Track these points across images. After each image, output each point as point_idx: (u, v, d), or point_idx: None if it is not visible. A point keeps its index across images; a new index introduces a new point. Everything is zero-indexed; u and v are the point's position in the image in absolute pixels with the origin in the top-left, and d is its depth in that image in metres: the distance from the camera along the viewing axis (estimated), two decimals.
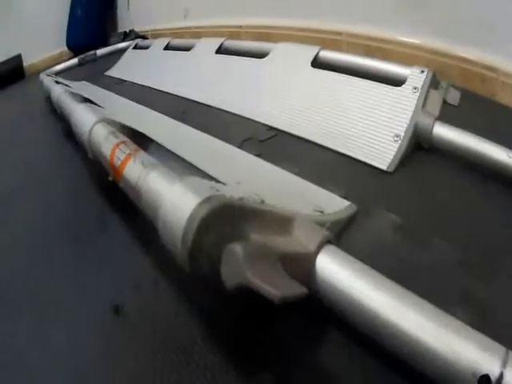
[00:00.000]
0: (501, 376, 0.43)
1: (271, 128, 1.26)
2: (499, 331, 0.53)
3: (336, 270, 0.56)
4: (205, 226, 0.47)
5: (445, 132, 1.03)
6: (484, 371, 0.44)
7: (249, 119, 1.34)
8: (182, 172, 0.70)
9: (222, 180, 0.66)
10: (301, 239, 0.58)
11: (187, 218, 0.48)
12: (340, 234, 0.79)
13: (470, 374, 0.44)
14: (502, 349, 0.46)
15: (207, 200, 0.48)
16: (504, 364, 0.44)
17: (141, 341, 0.68)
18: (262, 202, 0.57)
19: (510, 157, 0.94)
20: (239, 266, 0.45)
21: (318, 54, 1.38)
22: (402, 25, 1.67)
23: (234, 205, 0.51)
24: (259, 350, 0.62)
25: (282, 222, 0.58)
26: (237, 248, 0.46)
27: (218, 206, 0.48)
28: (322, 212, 0.73)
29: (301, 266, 0.56)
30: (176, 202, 0.51)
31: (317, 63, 1.37)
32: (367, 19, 1.80)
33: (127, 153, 0.74)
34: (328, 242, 0.60)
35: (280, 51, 1.47)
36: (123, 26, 3.54)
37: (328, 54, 1.37)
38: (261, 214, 0.53)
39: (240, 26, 2.41)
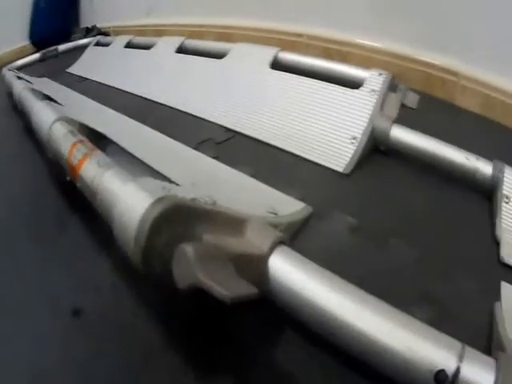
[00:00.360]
0: (457, 370, 0.45)
1: (229, 130, 1.26)
2: (456, 329, 0.54)
3: (289, 271, 0.57)
4: (157, 226, 0.47)
5: (402, 135, 1.05)
6: (441, 367, 0.45)
7: (207, 120, 1.34)
8: (137, 172, 0.70)
9: (177, 181, 0.66)
10: (253, 240, 0.58)
11: (140, 219, 0.48)
12: (295, 236, 0.80)
13: (427, 371, 0.46)
14: (457, 344, 0.48)
15: (159, 200, 0.48)
16: (460, 359, 0.46)
17: (99, 343, 0.67)
18: (214, 203, 0.57)
19: (467, 159, 0.96)
20: (190, 266, 0.45)
21: (276, 55, 1.38)
22: (363, 28, 1.68)
23: (186, 205, 0.51)
24: (217, 351, 0.62)
25: (235, 223, 0.59)
26: (188, 248, 0.46)
27: (170, 206, 0.48)
28: (276, 214, 0.74)
29: (254, 267, 0.56)
30: (129, 203, 0.51)
31: (275, 65, 1.38)
32: (328, 22, 1.81)
33: (84, 152, 0.74)
34: (281, 242, 0.61)
35: (239, 52, 1.48)
36: (86, 21, 3.50)
37: (287, 56, 1.38)
38: (213, 215, 0.53)
39: (202, 26, 2.41)
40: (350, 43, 1.72)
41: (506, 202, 0.91)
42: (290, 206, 0.83)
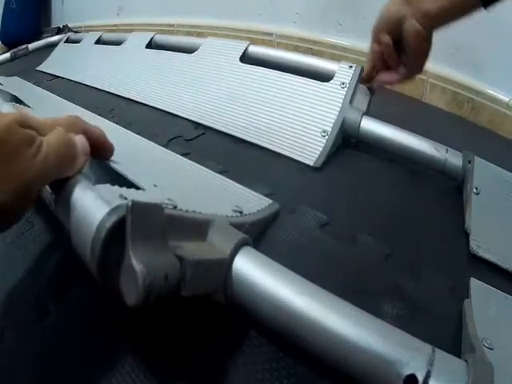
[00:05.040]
0: (428, 375, 0.44)
1: (199, 125, 1.26)
2: (427, 327, 0.56)
3: (253, 274, 0.56)
4: (112, 236, 0.46)
5: (372, 127, 1.06)
6: (410, 371, 0.44)
7: (177, 116, 1.34)
8: (99, 176, 0.69)
9: (140, 182, 0.65)
10: (216, 243, 0.57)
11: (95, 229, 0.47)
12: (263, 233, 0.79)
13: (396, 375, 0.45)
14: (428, 347, 0.47)
15: (115, 209, 0.47)
16: (431, 362, 0.45)
17: None
18: (175, 207, 0.56)
19: (437, 150, 0.96)
20: (137, 284, 0.44)
21: (246, 49, 1.39)
22: (331, 27, 1.69)
23: None
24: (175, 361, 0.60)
25: (196, 226, 0.57)
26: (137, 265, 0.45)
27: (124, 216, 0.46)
28: (241, 212, 0.73)
29: (217, 271, 0.55)
30: (86, 212, 0.50)
31: (245, 58, 1.38)
32: (298, 20, 1.82)
33: None
34: (245, 244, 0.60)
35: (209, 46, 1.47)
36: (57, 21, 3.50)
37: (257, 50, 1.38)
38: (171, 220, 0.52)
39: (172, 25, 2.41)
40: (320, 42, 1.74)
41: (476, 193, 0.91)
42: (256, 204, 0.82)
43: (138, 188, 0.61)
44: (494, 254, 0.82)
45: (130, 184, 0.60)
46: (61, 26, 3.14)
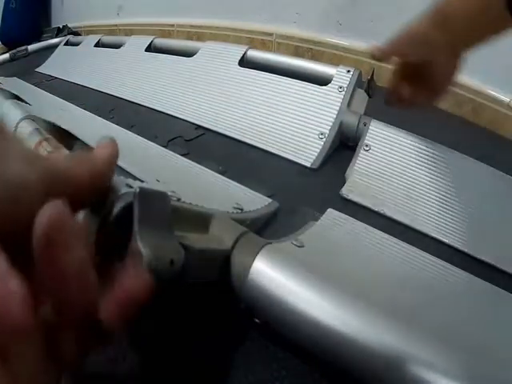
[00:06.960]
0: None
1: (199, 127, 1.27)
2: None
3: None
4: (118, 222, 0.47)
5: None
6: None
7: (177, 118, 1.35)
8: None
9: (142, 178, 0.66)
10: (218, 236, 0.58)
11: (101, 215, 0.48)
12: (261, 232, 0.80)
13: None
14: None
15: (121, 196, 0.48)
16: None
17: None
18: (179, 199, 0.57)
19: None
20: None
21: (245, 53, 1.40)
22: (332, 27, 1.70)
23: None
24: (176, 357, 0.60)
25: (199, 219, 0.58)
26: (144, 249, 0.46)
27: (131, 202, 0.47)
28: (241, 210, 0.74)
29: (220, 262, 0.56)
30: None
31: (244, 62, 1.40)
32: (298, 21, 1.83)
33: (49, 150, 0.74)
34: None
35: (208, 50, 1.49)
36: (57, 21, 3.49)
37: (255, 54, 1.40)
38: (176, 211, 0.53)
39: (172, 25, 2.41)
40: (320, 42, 1.74)
41: (365, 150, 1.02)
42: (256, 202, 0.83)
43: (141, 181, 0.62)
44: (366, 198, 0.90)
45: (133, 178, 0.61)
46: (61, 27, 3.15)
